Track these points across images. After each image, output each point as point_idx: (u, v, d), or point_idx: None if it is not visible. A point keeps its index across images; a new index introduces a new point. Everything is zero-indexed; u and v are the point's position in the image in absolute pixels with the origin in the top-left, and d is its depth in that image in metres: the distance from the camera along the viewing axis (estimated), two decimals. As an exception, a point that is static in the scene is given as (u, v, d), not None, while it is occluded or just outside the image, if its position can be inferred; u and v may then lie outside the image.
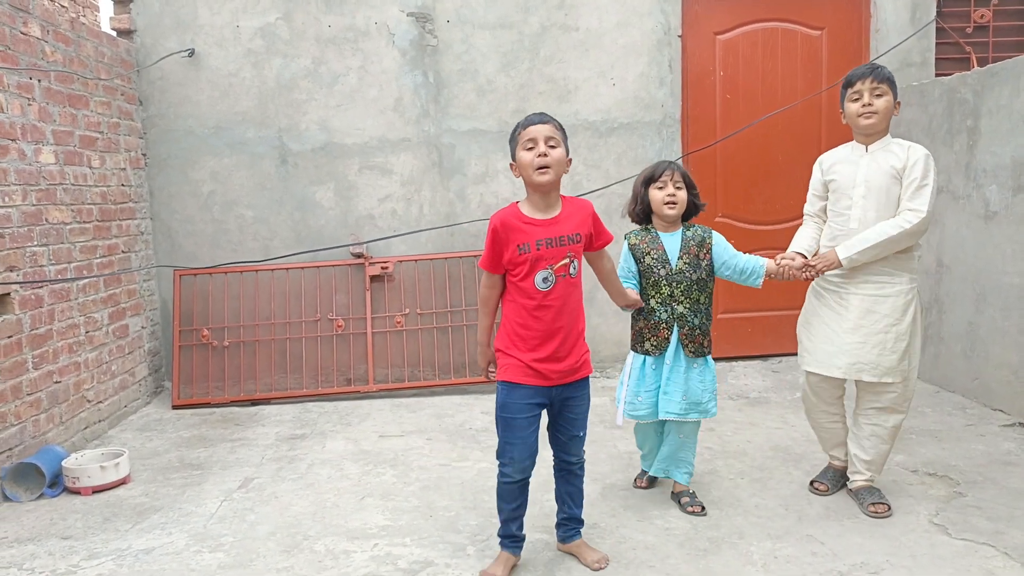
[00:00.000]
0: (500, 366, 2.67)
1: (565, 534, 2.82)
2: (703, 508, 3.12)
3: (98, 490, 3.53)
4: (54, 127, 4.04)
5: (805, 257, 3.11)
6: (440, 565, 2.78)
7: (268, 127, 5.13)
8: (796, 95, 5.21)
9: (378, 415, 4.61)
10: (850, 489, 3.21)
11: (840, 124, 3.20)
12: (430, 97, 5.16)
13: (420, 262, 5.17)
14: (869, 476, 3.16)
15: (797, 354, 3.27)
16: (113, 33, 4.98)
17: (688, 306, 3.03)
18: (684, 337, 3.03)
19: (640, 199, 3.10)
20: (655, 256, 3.05)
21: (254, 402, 4.95)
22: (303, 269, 5.13)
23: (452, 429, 4.28)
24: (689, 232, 3.09)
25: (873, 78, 2.95)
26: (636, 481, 3.43)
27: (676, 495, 3.22)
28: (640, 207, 3.11)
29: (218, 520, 3.21)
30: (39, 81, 3.92)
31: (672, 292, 3.03)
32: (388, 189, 5.21)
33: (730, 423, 4.18)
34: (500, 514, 2.72)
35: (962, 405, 4.38)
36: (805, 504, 3.18)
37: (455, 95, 5.16)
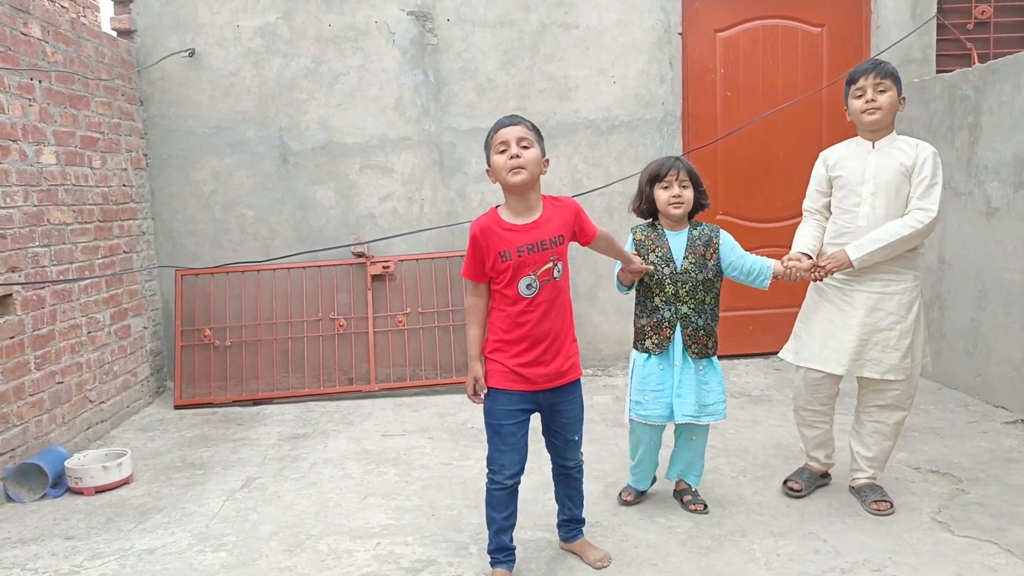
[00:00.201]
0: (486, 371, 2.60)
1: (567, 534, 2.82)
2: (705, 506, 3.12)
3: (101, 490, 3.54)
4: (55, 128, 4.04)
5: (811, 258, 3.06)
6: (442, 564, 2.78)
7: (269, 127, 5.13)
8: (797, 92, 5.20)
9: (380, 414, 4.62)
10: (852, 487, 3.20)
11: (842, 121, 3.20)
12: (430, 96, 5.16)
13: (421, 261, 5.17)
14: (871, 474, 3.15)
15: (786, 346, 3.19)
16: (113, 33, 4.98)
17: (692, 306, 2.96)
18: (688, 338, 2.95)
19: (645, 197, 3.01)
20: (660, 254, 2.97)
21: (256, 402, 4.96)
22: (304, 269, 5.13)
23: (454, 428, 4.29)
24: (696, 231, 3.00)
25: (876, 74, 2.93)
26: (622, 495, 3.23)
27: (678, 493, 3.21)
28: (645, 205, 3.03)
29: (221, 520, 3.21)
30: (40, 82, 3.92)
31: (677, 291, 2.95)
32: (389, 188, 5.21)
33: (732, 421, 4.17)
34: (491, 526, 2.63)
35: (964, 402, 4.38)
36: (807, 502, 3.17)
37: (456, 94, 5.16)
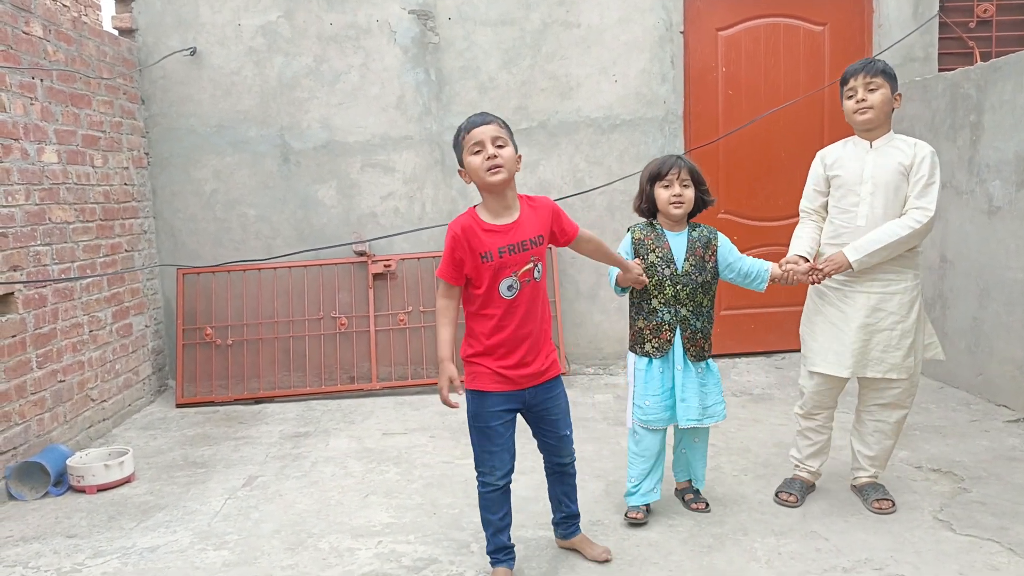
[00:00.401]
0: (468, 374, 2.58)
1: (565, 531, 2.82)
2: (707, 505, 3.11)
3: (102, 488, 3.54)
4: (57, 126, 4.04)
5: (808, 260, 3.03)
6: (444, 562, 2.78)
7: (270, 125, 5.13)
8: (798, 91, 5.19)
9: (381, 413, 4.62)
10: (854, 485, 3.20)
11: (842, 120, 3.19)
12: (432, 95, 5.16)
13: (423, 260, 5.17)
14: (873, 472, 3.15)
15: (801, 354, 3.22)
16: (115, 32, 4.99)
17: (691, 309, 2.93)
18: (686, 341, 2.93)
19: (646, 196, 2.98)
20: (660, 255, 2.93)
21: (257, 400, 4.96)
22: (306, 267, 5.13)
23: (455, 427, 4.28)
24: (695, 233, 2.98)
25: (865, 73, 2.92)
26: (628, 515, 3.01)
27: (680, 492, 3.21)
28: (646, 204, 2.99)
29: (222, 518, 3.21)
30: (41, 80, 3.92)
31: (676, 294, 2.92)
32: (390, 187, 5.21)
33: (733, 420, 4.17)
34: (487, 528, 2.62)
35: (966, 401, 4.37)
36: (808, 501, 3.17)
37: (457, 92, 5.16)
